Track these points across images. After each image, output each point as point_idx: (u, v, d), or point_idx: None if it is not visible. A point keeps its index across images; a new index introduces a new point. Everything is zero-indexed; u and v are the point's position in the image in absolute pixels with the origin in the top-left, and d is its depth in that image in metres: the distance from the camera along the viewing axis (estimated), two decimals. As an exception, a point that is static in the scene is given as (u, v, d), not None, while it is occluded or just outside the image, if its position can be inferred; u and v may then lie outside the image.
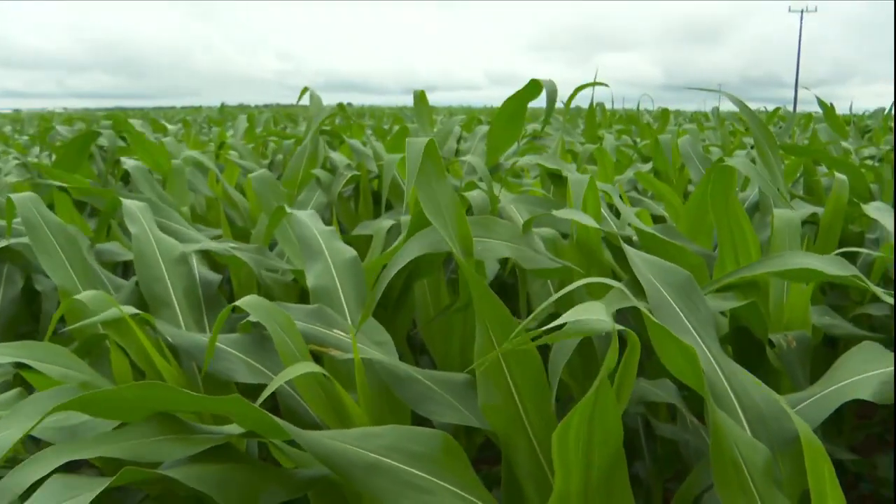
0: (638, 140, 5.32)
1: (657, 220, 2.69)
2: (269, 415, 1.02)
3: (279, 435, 1.04)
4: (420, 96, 3.17)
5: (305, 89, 3.63)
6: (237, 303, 1.43)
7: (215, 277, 2.01)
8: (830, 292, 2.48)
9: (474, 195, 2.01)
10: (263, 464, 1.11)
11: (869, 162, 3.97)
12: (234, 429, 1.10)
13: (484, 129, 3.64)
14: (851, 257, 2.60)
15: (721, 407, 1.16)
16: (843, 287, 2.27)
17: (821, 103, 5.16)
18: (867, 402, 1.29)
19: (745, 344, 1.64)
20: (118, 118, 3.77)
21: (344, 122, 4.37)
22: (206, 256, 2.36)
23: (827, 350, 2.21)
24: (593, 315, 0.97)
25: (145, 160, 3.13)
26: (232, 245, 2.17)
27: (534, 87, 2.17)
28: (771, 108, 8.28)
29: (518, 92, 2.19)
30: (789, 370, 1.56)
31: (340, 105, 4.23)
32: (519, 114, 2.27)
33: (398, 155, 2.74)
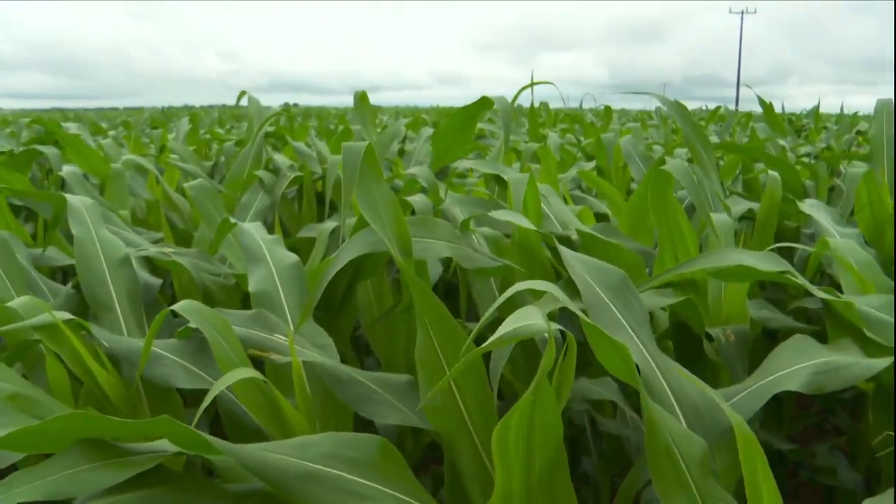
0: (582, 139, 5.37)
1: (601, 217, 2.72)
2: (199, 432, 1.00)
3: (210, 451, 1.02)
4: (361, 97, 3.15)
5: (243, 93, 3.60)
6: (174, 307, 1.41)
7: (156, 282, 1.98)
8: (769, 286, 2.53)
9: (416, 198, 2.02)
10: (198, 481, 1.09)
11: (805, 160, 4.06)
12: (166, 446, 1.08)
13: (429, 130, 3.64)
14: (789, 252, 2.66)
15: (657, 401, 1.17)
16: (781, 281, 2.32)
17: (761, 102, 5.26)
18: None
19: (684, 339, 1.67)
20: (44, 121, 3.69)
21: (288, 123, 4.33)
22: (148, 260, 2.32)
23: (766, 343, 2.25)
24: (530, 318, 0.98)
25: (82, 165, 3.07)
26: (172, 250, 2.14)
27: (485, 102, 2.21)
28: (713, 106, 8.43)
29: (469, 106, 2.21)
30: (728, 363, 1.59)
31: (286, 107, 4.20)
32: (469, 126, 2.29)
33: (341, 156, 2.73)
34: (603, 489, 2.17)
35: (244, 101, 3.68)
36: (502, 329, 0.98)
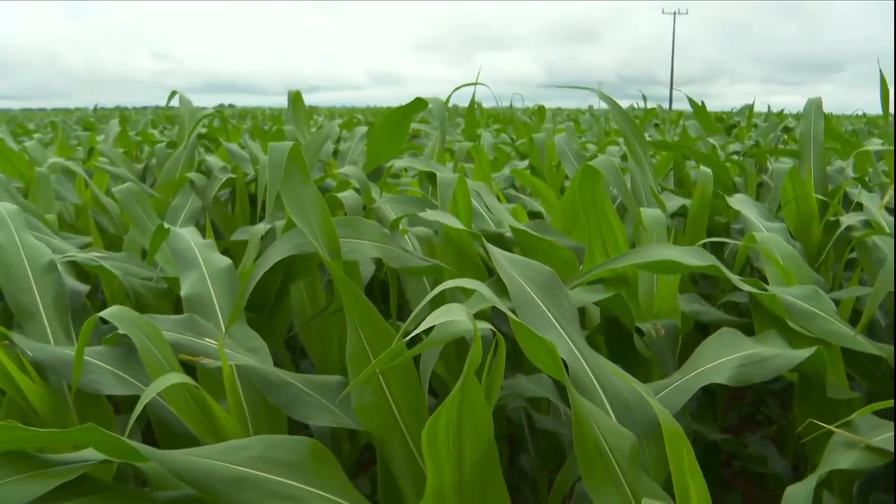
0: (515, 137, 5.40)
1: (536, 215, 2.74)
2: (125, 440, 0.98)
3: (137, 458, 1.00)
4: (295, 97, 3.13)
5: (174, 93, 3.53)
6: (102, 313, 1.38)
7: (83, 288, 1.93)
8: (701, 281, 2.57)
9: (347, 196, 2.00)
10: (125, 490, 1.07)
11: (734, 157, 4.14)
12: (93, 455, 1.06)
13: (363, 129, 3.62)
14: (720, 247, 2.71)
15: (586, 397, 1.18)
16: (713, 275, 2.37)
17: (692, 103, 5.37)
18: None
19: (615, 334, 1.69)
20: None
21: (221, 124, 4.27)
22: (75, 266, 2.27)
23: (699, 336, 2.30)
24: (455, 317, 0.98)
25: (4, 168, 2.98)
26: (99, 254, 2.09)
27: (418, 103, 2.21)
28: (651, 105, 8.55)
29: (402, 106, 2.22)
30: (659, 357, 1.61)
31: (221, 108, 4.15)
32: (402, 126, 2.29)
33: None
34: (541, 485, 2.19)
35: (175, 102, 3.62)
36: (425, 325, 0.98)
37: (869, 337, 2.38)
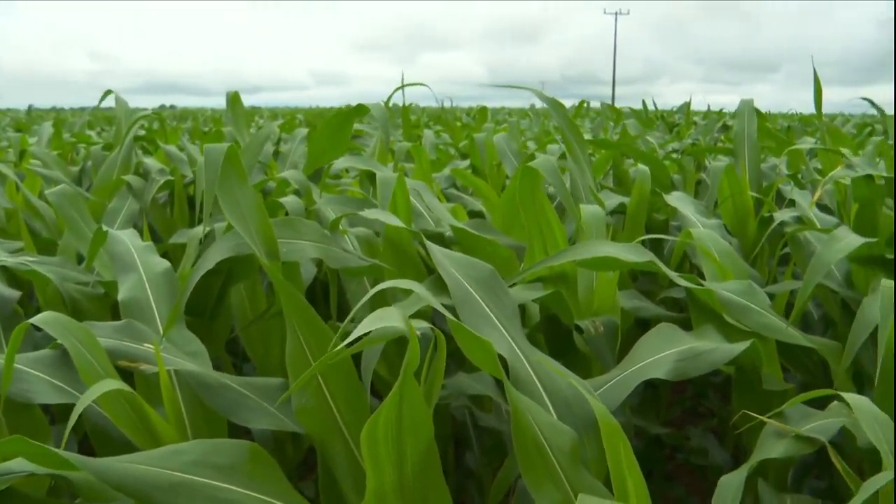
0: (453, 137, 5.41)
1: (477, 215, 2.75)
2: (53, 450, 0.96)
3: (67, 468, 0.98)
4: (233, 98, 3.10)
5: (108, 92, 3.47)
6: (33, 319, 1.35)
7: (13, 294, 1.88)
8: (642, 277, 2.61)
9: (288, 200, 1.99)
10: (51, 502, 1.05)
11: (674, 155, 4.20)
12: (20, 465, 1.03)
13: (303, 131, 3.59)
14: (660, 243, 2.75)
15: (526, 394, 1.19)
16: (652, 272, 2.40)
17: (642, 106, 5.44)
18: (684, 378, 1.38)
19: (555, 331, 1.70)
20: None
21: (160, 125, 4.20)
22: (6, 271, 2.21)
23: (639, 332, 2.33)
24: (389, 319, 0.98)
25: (-73, 171, 2.89)
26: (32, 259, 2.04)
27: (360, 108, 2.22)
28: (594, 104, 8.65)
29: (344, 110, 2.23)
30: (598, 354, 1.63)
31: (162, 108, 4.08)
32: (344, 129, 2.29)
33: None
34: (486, 483, 2.20)
35: (109, 102, 3.55)
36: (361, 329, 0.98)
37: (802, 329, 2.44)
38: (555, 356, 1.62)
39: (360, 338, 1.03)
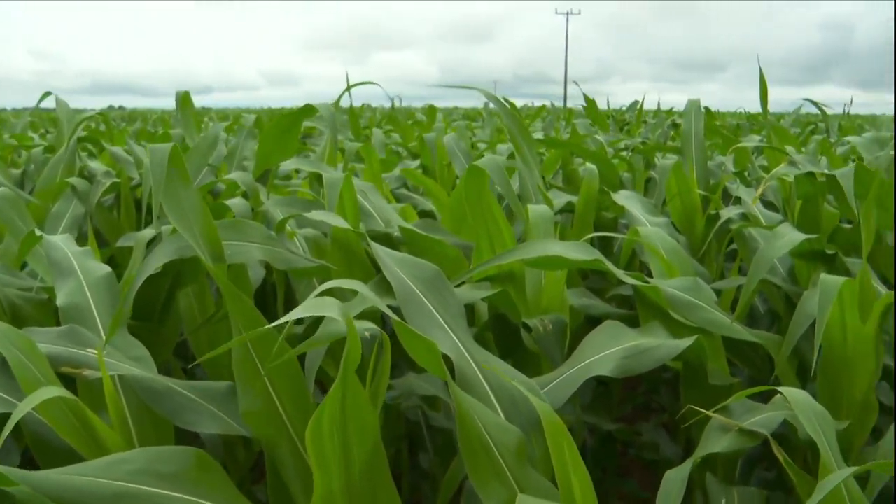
0: (403, 137, 5.40)
1: (428, 215, 2.75)
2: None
3: (5, 483, 0.95)
4: (183, 99, 3.06)
5: (47, 94, 3.40)
6: (-36, 327, 1.32)
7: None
8: (592, 275, 2.63)
9: (235, 202, 1.97)
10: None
11: (624, 153, 4.24)
12: None
13: (250, 119, 3.55)
14: (610, 242, 2.77)
15: (473, 393, 1.19)
16: (602, 270, 2.42)
17: (586, 103, 5.49)
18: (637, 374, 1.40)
19: (503, 330, 1.71)
20: None
21: (105, 127, 4.13)
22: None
23: (590, 330, 2.35)
24: (327, 311, 0.98)
25: None
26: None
27: (308, 109, 2.21)
28: (541, 103, 8.71)
29: (291, 112, 2.22)
30: (547, 352, 1.64)
31: (110, 109, 4.00)
32: (292, 130, 2.28)
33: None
34: (440, 483, 2.19)
35: (48, 103, 3.48)
36: (294, 314, 0.98)
37: (749, 324, 2.48)
38: (503, 355, 1.63)
39: (305, 339, 1.03)
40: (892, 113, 8.26)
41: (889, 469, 1.22)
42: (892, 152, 2.78)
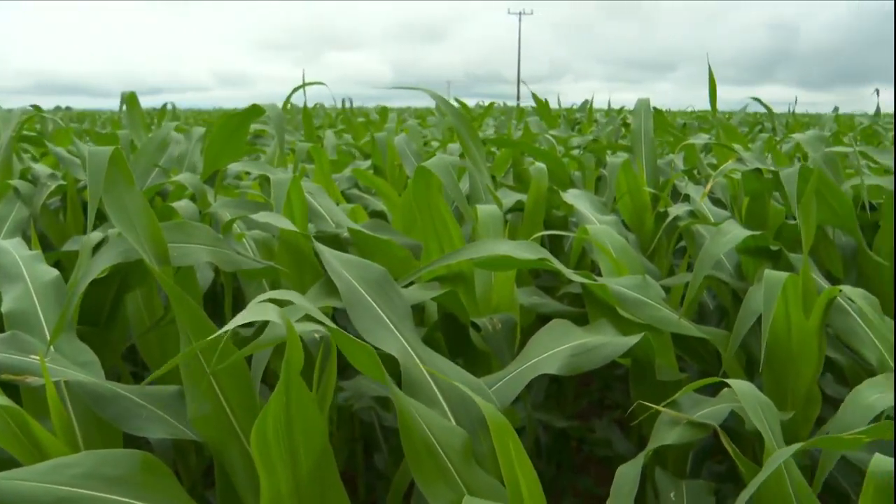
0: (355, 138, 5.39)
1: (380, 215, 2.74)
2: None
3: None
4: (129, 99, 3.02)
5: (-24, 92, 3.33)
6: None
7: None
8: (543, 274, 2.64)
9: (181, 204, 1.95)
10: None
11: (575, 152, 4.27)
12: None
13: (199, 131, 3.51)
14: (560, 240, 2.79)
15: (420, 393, 1.20)
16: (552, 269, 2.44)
17: (535, 98, 5.52)
18: (590, 371, 1.41)
19: (452, 330, 1.71)
20: None
21: (52, 127, 4.05)
22: None
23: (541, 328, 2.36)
24: (267, 316, 0.98)
25: None
26: None
27: (255, 110, 2.19)
28: (499, 102, 8.75)
29: (238, 113, 2.21)
30: (496, 351, 1.65)
31: (42, 112, 3.91)
32: (240, 132, 2.26)
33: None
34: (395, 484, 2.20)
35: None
36: (237, 321, 0.97)
37: (699, 320, 2.52)
38: (453, 355, 1.63)
39: (252, 342, 1.02)
40: (829, 112, 8.43)
41: (833, 445, 1.25)
42: (828, 150, 2.83)
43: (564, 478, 2.71)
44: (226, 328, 0.98)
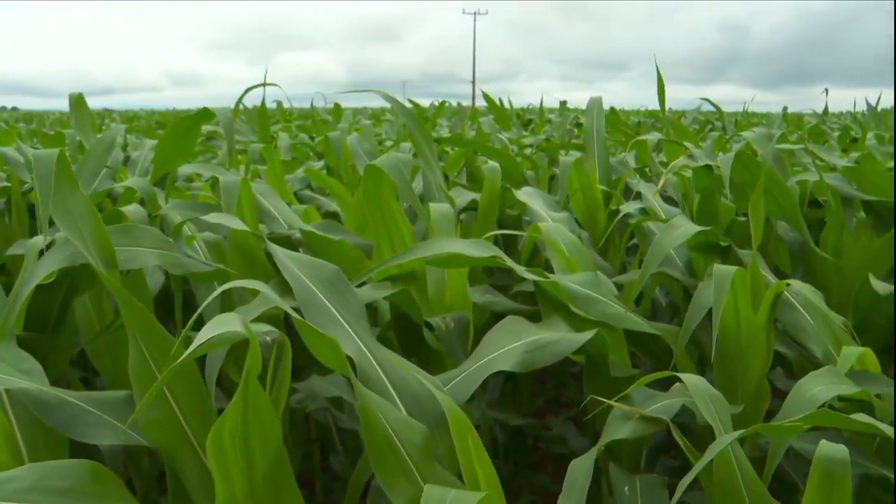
0: (314, 136, 5.37)
1: (334, 216, 2.73)
2: None
3: None
4: (77, 100, 2.96)
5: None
6: None
7: None
8: (498, 272, 2.65)
9: (129, 207, 1.92)
10: None
11: (528, 151, 4.30)
12: None
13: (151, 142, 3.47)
14: (514, 239, 2.80)
15: (375, 392, 1.19)
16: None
17: (487, 98, 5.53)
18: (545, 368, 1.41)
19: (406, 329, 1.71)
20: None
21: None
22: None
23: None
24: (231, 325, 0.97)
25: None
26: None
27: (205, 113, 2.18)
28: (451, 102, 8.76)
29: (188, 116, 2.19)
30: (450, 350, 1.65)
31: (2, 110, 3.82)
32: (191, 134, 2.24)
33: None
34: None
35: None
36: (200, 337, 0.96)
37: (651, 316, 2.54)
38: (407, 354, 1.63)
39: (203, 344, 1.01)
40: (779, 111, 8.58)
41: (774, 431, 1.27)
42: (776, 146, 2.88)
43: (522, 475, 2.72)
44: (191, 347, 0.96)
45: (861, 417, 1.15)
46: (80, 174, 2.49)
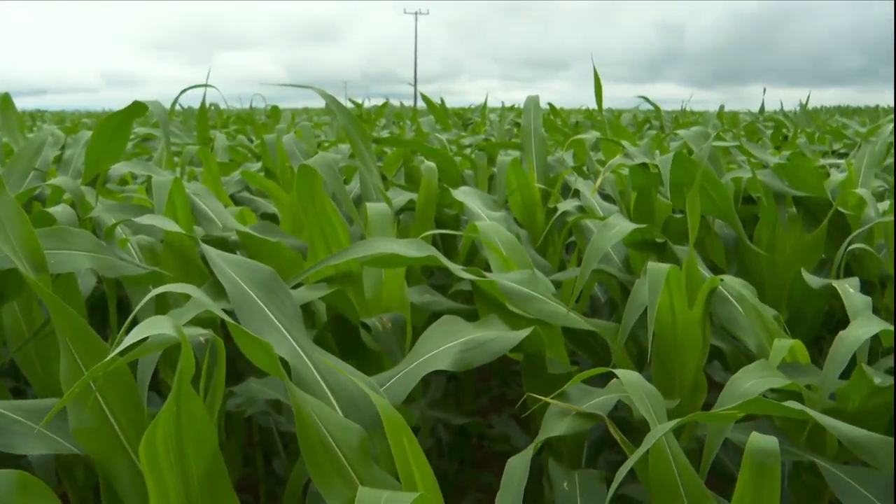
0: (254, 139, 5.32)
1: (271, 217, 2.70)
2: None
3: None
4: (3, 101, 2.89)
5: None
6: None
7: None
8: (437, 272, 2.65)
9: (57, 209, 1.88)
10: None
11: (467, 150, 4.31)
12: None
13: (87, 135, 3.39)
14: (453, 238, 2.81)
15: (311, 393, 1.19)
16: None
17: (425, 98, 5.54)
18: (488, 367, 1.41)
19: (342, 330, 1.70)
20: None
21: None
22: None
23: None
24: (161, 327, 0.95)
25: None
26: None
27: (137, 108, 2.13)
28: (393, 102, 8.74)
29: (118, 112, 2.15)
30: (388, 350, 1.65)
31: None
32: (122, 132, 2.19)
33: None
34: (294, 488, 2.17)
35: None
36: (129, 339, 0.94)
37: (591, 313, 2.57)
38: (344, 355, 1.62)
39: (135, 348, 0.99)
40: (716, 109, 8.76)
41: (707, 419, 1.29)
42: (713, 143, 2.93)
43: (467, 474, 2.73)
44: (118, 348, 0.95)
45: (792, 405, 1.18)
46: (9, 177, 2.42)
